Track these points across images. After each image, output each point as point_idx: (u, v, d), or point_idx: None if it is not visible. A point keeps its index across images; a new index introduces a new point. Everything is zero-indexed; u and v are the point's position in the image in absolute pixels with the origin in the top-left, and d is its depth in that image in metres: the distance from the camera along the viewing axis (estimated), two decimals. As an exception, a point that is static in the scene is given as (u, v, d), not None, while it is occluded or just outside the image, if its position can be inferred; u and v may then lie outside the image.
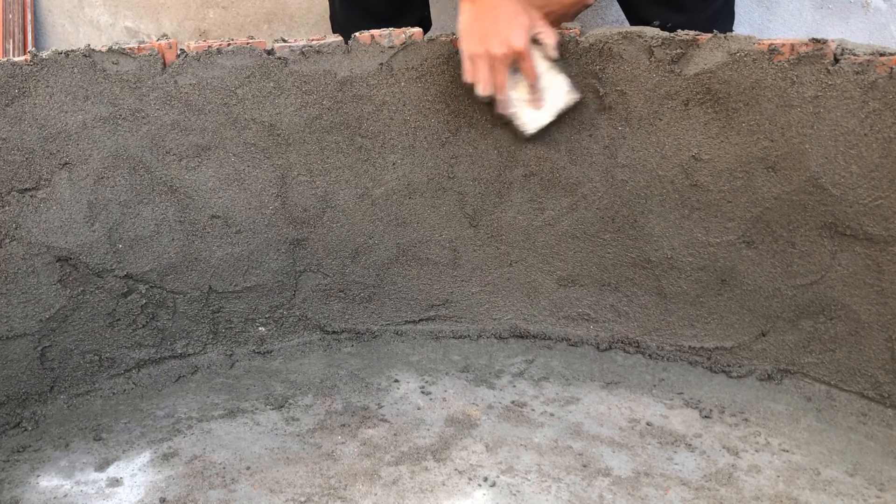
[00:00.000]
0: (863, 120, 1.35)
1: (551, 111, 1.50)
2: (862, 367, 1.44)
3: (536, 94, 1.48)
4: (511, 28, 1.42)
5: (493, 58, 1.44)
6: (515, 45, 1.43)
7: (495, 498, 1.24)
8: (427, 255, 1.64)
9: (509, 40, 1.42)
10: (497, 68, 1.45)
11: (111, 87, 1.44)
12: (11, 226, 1.42)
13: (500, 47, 1.43)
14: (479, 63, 1.45)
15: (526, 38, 1.44)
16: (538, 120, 1.51)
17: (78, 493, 1.27)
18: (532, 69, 1.46)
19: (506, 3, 1.43)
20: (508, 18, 1.43)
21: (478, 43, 1.43)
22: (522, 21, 1.44)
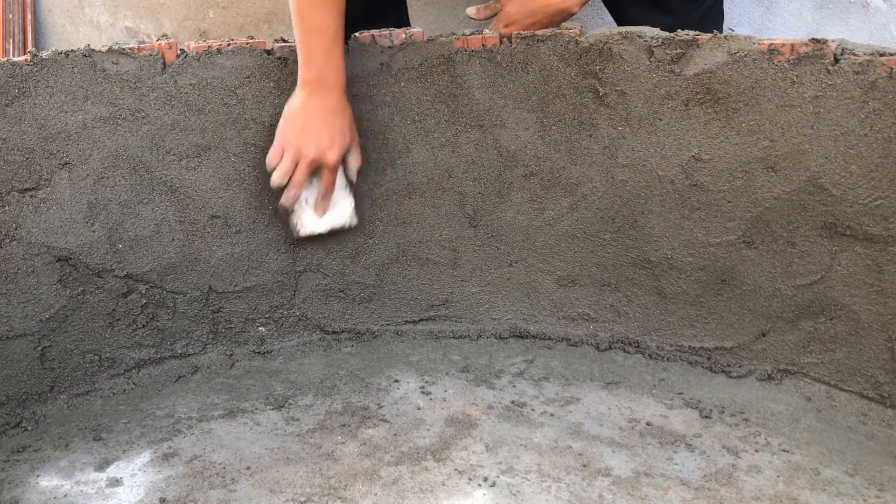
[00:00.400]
0: (863, 120, 1.35)
1: (327, 225, 1.55)
2: (862, 367, 1.44)
3: (324, 203, 1.52)
4: (333, 139, 1.46)
5: (302, 156, 1.46)
6: (328, 157, 1.47)
7: (495, 498, 1.24)
8: (427, 255, 1.64)
9: (325, 150, 1.46)
10: (301, 167, 1.47)
11: (111, 87, 1.44)
12: (11, 226, 1.42)
13: (313, 151, 1.46)
14: (289, 154, 1.47)
15: (340, 155, 1.48)
16: (313, 227, 1.54)
17: (78, 493, 1.27)
18: (331, 182, 1.50)
19: (338, 116, 1.46)
20: (334, 130, 1.46)
21: (296, 136, 1.46)
22: (344, 140, 1.47)
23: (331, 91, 1.44)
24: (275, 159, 1.48)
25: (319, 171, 1.49)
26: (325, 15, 1.41)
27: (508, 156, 1.57)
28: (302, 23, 1.41)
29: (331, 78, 1.43)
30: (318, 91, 1.44)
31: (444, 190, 1.60)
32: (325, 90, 1.44)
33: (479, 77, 1.52)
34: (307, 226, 1.54)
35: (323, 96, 1.44)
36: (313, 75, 1.43)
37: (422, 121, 1.56)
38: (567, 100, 1.52)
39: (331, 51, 1.42)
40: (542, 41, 1.49)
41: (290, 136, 1.46)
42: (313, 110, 1.44)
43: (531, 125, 1.55)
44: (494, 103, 1.54)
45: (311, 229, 1.54)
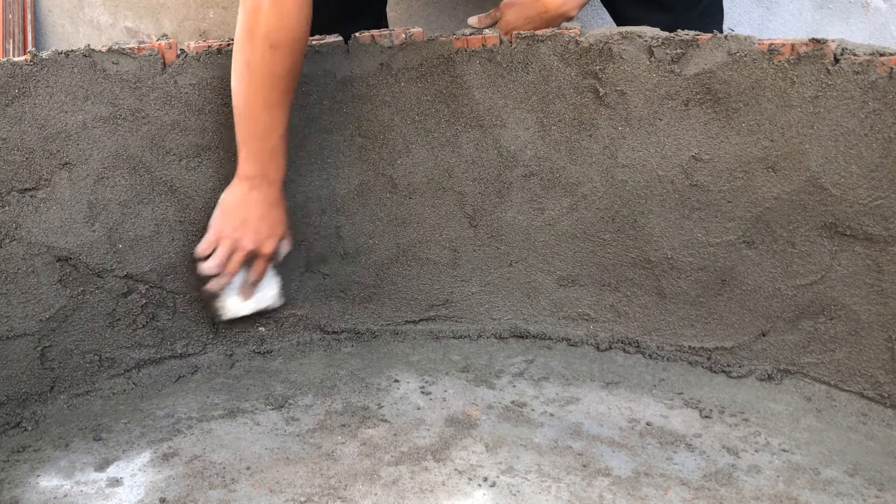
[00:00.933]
0: (863, 120, 1.35)
1: (254, 307, 1.55)
2: (862, 367, 1.44)
3: (251, 290, 1.53)
4: (270, 232, 1.47)
5: (240, 248, 1.46)
6: (265, 249, 1.47)
7: (495, 498, 1.24)
8: (427, 255, 1.64)
9: (263, 244, 1.47)
10: (237, 257, 1.47)
11: (111, 87, 1.44)
12: (11, 226, 1.42)
13: (251, 243, 1.46)
14: (224, 244, 1.47)
15: (276, 246, 1.49)
16: (238, 310, 1.54)
17: (78, 493, 1.27)
18: (263, 270, 1.51)
19: (276, 209, 1.46)
20: (273, 221, 1.47)
21: (233, 228, 1.45)
22: (280, 231, 1.49)
23: (271, 185, 1.44)
24: (207, 249, 1.48)
25: (252, 260, 1.50)
26: (277, 116, 1.39)
27: (508, 156, 1.57)
28: (248, 123, 1.39)
29: (272, 173, 1.43)
30: (260, 186, 1.43)
31: (444, 190, 1.60)
32: (267, 184, 1.43)
33: (479, 77, 1.52)
34: (231, 309, 1.54)
35: (263, 190, 1.44)
36: (256, 171, 1.42)
37: (422, 121, 1.56)
38: (567, 100, 1.52)
39: (276, 148, 1.42)
40: (542, 41, 1.49)
41: (228, 228, 1.46)
42: (254, 203, 1.44)
43: (531, 125, 1.55)
44: (494, 103, 1.54)
45: (234, 313, 1.54)
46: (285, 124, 1.41)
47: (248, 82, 1.36)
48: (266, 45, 1.33)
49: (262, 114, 1.38)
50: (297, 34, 1.34)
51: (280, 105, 1.38)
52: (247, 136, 1.40)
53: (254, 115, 1.38)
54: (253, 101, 1.37)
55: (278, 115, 1.39)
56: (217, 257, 1.47)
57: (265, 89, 1.36)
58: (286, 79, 1.37)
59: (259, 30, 1.33)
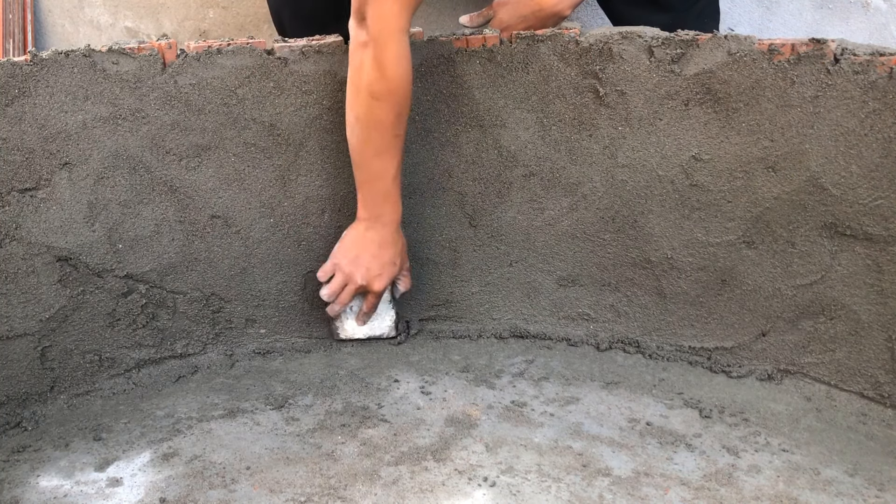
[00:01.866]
0: (863, 120, 1.35)
1: (367, 333, 1.63)
2: (862, 367, 1.44)
3: (364, 319, 1.60)
4: (381, 271, 1.53)
5: (352, 281, 1.54)
6: (375, 286, 1.54)
7: (495, 498, 1.24)
8: (427, 255, 1.64)
9: (373, 281, 1.53)
10: (349, 290, 1.55)
11: (111, 87, 1.44)
12: (11, 226, 1.42)
13: (362, 279, 1.53)
14: (339, 277, 1.54)
15: (386, 285, 1.56)
16: (353, 333, 1.62)
17: (78, 493, 1.27)
18: (374, 305, 1.59)
19: (390, 248, 1.53)
20: (384, 262, 1.53)
21: (348, 262, 1.53)
22: (394, 271, 1.55)
23: (386, 225, 1.51)
24: (325, 275, 1.55)
25: (366, 296, 1.57)
26: (387, 162, 1.46)
27: (508, 156, 1.57)
28: (361, 170, 1.48)
29: (387, 215, 1.50)
30: (374, 227, 1.51)
31: (444, 190, 1.60)
32: (381, 225, 1.51)
33: (479, 77, 1.52)
34: (347, 331, 1.62)
35: (378, 231, 1.51)
36: (370, 214, 1.50)
37: (422, 121, 1.56)
38: (567, 100, 1.52)
39: (389, 192, 1.49)
40: (542, 41, 1.49)
41: (343, 262, 1.53)
42: (368, 242, 1.52)
43: (531, 125, 1.55)
44: (494, 103, 1.54)
45: (349, 335, 1.62)
46: (396, 168, 1.47)
47: (358, 133, 1.44)
48: (370, 98, 1.40)
49: (373, 160, 1.46)
50: (397, 85, 1.40)
51: (388, 151, 1.45)
52: (361, 182, 1.49)
53: (365, 162, 1.46)
54: (363, 150, 1.45)
55: (388, 161, 1.46)
56: (330, 287, 1.55)
57: (373, 138, 1.43)
58: (392, 127, 1.43)
59: (362, 84, 1.40)
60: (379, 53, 1.37)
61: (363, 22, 1.38)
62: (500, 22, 1.63)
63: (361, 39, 1.39)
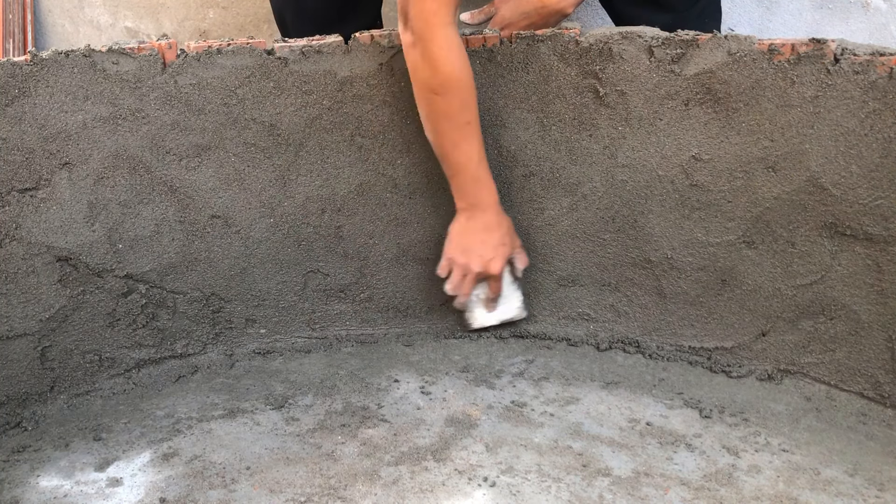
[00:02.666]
0: (863, 120, 1.35)
1: (499, 318, 1.62)
2: (862, 367, 1.44)
3: (492, 303, 1.60)
4: (495, 254, 1.53)
5: (468, 271, 1.54)
6: (492, 271, 1.54)
7: (495, 498, 1.24)
8: (427, 255, 1.64)
9: (489, 265, 1.53)
10: (469, 279, 1.55)
11: (111, 87, 1.44)
12: (11, 226, 1.42)
13: (478, 266, 1.53)
14: (457, 270, 1.55)
15: (503, 266, 1.55)
16: (485, 321, 1.62)
17: (78, 493, 1.27)
18: (498, 288, 1.58)
19: (496, 231, 1.53)
20: (495, 245, 1.53)
21: (461, 253, 1.54)
22: (506, 251, 1.55)
23: (485, 210, 1.51)
24: (444, 272, 1.57)
25: (487, 281, 1.57)
26: (466, 150, 1.47)
27: (508, 156, 1.57)
28: (446, 162, 1.49)
29: (483, 200, 1.51)
30: (474, 214, 1.52)
31: (444, 190, 1.60)
32: (480, 211, 1.51)
33: (479, 77, 1.52)
34: (479, 320, 1.62)
35: (479, 217, 1.52)
36: (467, 203, 1.51)
37: (422, 121, 1.56)
38: (567, 100, 1.52)
39: (478, 177, 1.49)
40: (542, 41, 1.49)
41: (455, 256, 1.55)
42: (473, 231, 1.53)
43: (531, 125, 1.55)
44: (494, 103, 1.54)
45: (482, 322, 1.63)
46: (478, 153, 1.48)
47: (431, 129, 1.47)
48: (431, 94, 1.42)
49: (452, 152, 1.47)
50: (452, 77, 1.41)
51: (464, 140, 1.46)
52: (450, 174, 1.50)
53: (446, 155, 1.48)
54: (441, 144, 1.47)
55: (467, 148, 1.46)
56: (451, 282, 1.56)
57: (447, 131, 1.45)
58: (460, 114, 1.44)
59: (420, 83, 1.43)
60: (427, 50, 1.39)
61: (407, 23, 1.39)
62: (501, 19, 1.63)
63: (409, 40, 1.41)
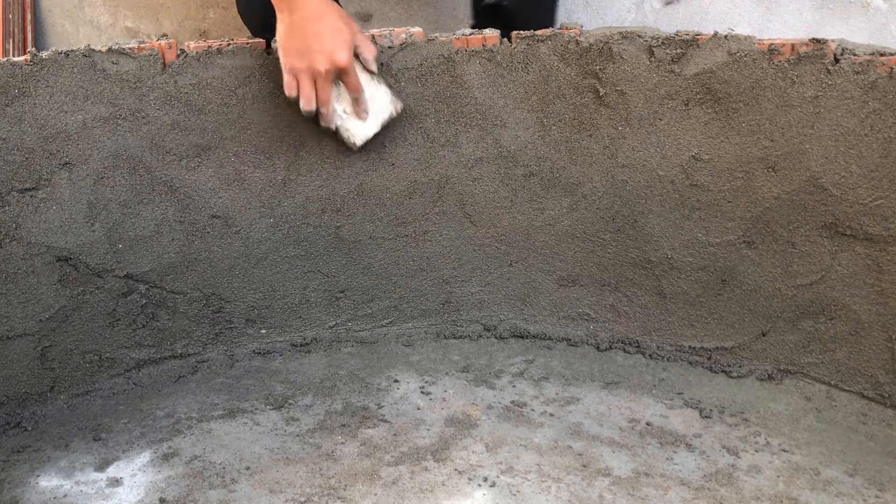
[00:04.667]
0: (863, 120, 1.35)
1: (376, 122, 1.51)
2: (862, 367, 1.44)
3: (360, 106, 1.47)
4: (334, 43, 1.39)
5: (316, 73, 1.41)
6: (339, 62, 1.40)
7: (495, 498, 1.24)
8: (427, 255, 1.64)
9: (333, 56, 1.40)
10: (321, 84, 1.42)
11: (111, 87, 1.44)
12: (11, 226, 1.42)
13: (323, 63, 1.40)
14: (303, 78, 1.42)
15: (349, 54, 1.42)
16: (365, 131, 1.51)
17: (78, 493, 1.27)
18: (356, 83, 1.45)
19: (328, 18, 1.39)
20: (331, 33, 1.39)
21: (299, 58, 1.40)
22: (344, 37, 1.41)
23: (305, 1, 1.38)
24: (293, 89, 1.43)
25: (340, 78, 1.44)
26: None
27: (508, 156, 1.57)
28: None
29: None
30: (295, 7, 1.38)
31: (444, 190, 1.60)
32: (297, 8, 1.38)
33: (479, 77, 1.52)
34: (359, 134, 1.51)
35: (300, 10, 1.38)
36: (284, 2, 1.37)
37: (422, 121, 1.56)
38: (567, 100, 1.52)
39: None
40: (542, 41, 1.49)
41: (294, 61, 1.40)
42: (299, 27, 1.38)
43: (531, 125, 1.55)
44: (494, 103, 1.54)
45: (364, 135, 1.51)
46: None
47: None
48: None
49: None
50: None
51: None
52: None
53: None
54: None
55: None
56: (304, 93, 1.42)
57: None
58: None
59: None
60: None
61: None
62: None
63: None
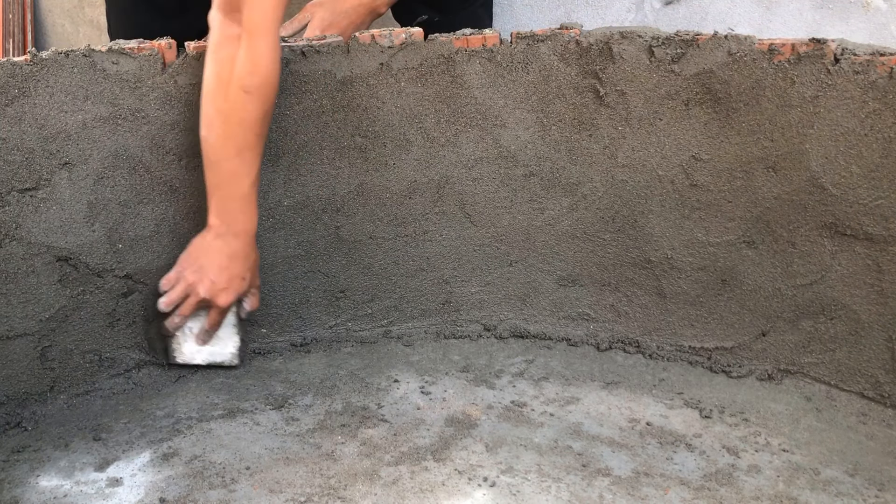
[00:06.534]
0: (863, 120, 1.35)
1: (207, 359, 1.52)
2: (862, 367, 1.44)
3: (206, 337, 1.50)
4: (228, 285, 1.43)
5: (194, 293, 1.44)
6: (219, 300, 1.45)
7: (495, 498, 1.24)
8: (427, 256, 1.64)
9: (217, 295, 1.44)
10: (190, 301, 1.45)
11: (111, 87, 1.44)
12: (11, 226, 1.41)
13: (205, 292, 1.43)
14: (180, 285, 1.45)
15: (232, 301, 1.46)
16: (191, 356, 1.51)
17: (78, 493, 1.27)
18: (217, 322, 1.48)
19: (240, 262, 1.43)
20: (231, 276, 1.43)
21: (192, 271, 1.44)
22: (242, 286, 1.46)
23: (238, 236, 1.42)
24: (168, 284, 1.46)
25: (209, 310, 1.48)
26: (247, 163, 1.37)
27: (508, 156, 1.57)
28: (218, 169, 1.38)
29: (240, 224, 1.42)
30: (225, 236, 1.42)
31: (444, 189, 1.60)
32: (232, 236, 1.42)
33: (479, 77, 1.52)
34: (185, 354, 1.52)
35: (229, 241, 1.42)
36: (223, 220, 1.41)
37: (422, 121, 1.56)
38: (567, 100, 1.52)
39: (247, 196, 1.40)
40: (542, 41, 1.49)
41: (187, 271, 1.45)
42: (216, 252, 1.42)
43: (531, 125, 1.55)
44: (494, 103, 1.54)
45: (188, 359, 1.52)
46: (256, 171, 1.40)
47: (218, 129, 1.36)
48: (240, 91, 1.33)
49: (234, 159, 1.37)
50: (271, 79, 1.35)
51: (252, 149, 1.37)
52: (215, 185, 1.40)
53: (223, 161, 1.37)
54: (223, 147, 1.36)
55: (249, 160, 1.38)
56: (169, 296, 1.46)
57: (237, 135, 1.36)
58: (259, 123, 1.37)
59: (233, 78, 1.34)
60: (254, 46, 1.32)
61: (234, 14, 1.32)
62: (321, 21, 1.61)
63: (232, 32, 1.33)
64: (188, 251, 1.46)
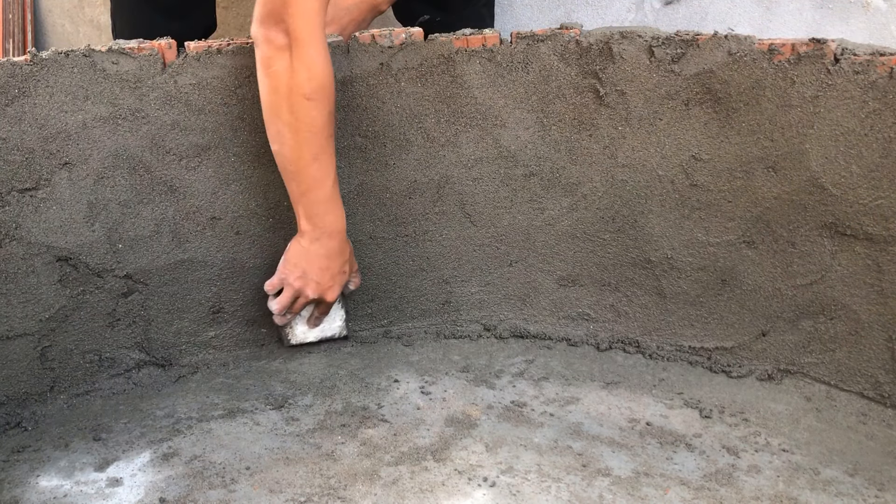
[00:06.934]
0: (863, 120, 1.35)
1: (318, 335, 1.59)
2: (862, 367, 1.44)
3: (318, 320, 1.57)
4: (332, 282, 1.50)
5: (303, 296, 1.50)
6: (327, 297, 1.51)
7: (495, 498, 1.24)
8: (427, 255, 1.64)
9: (325, 293, 1.50)
10: (300, 303, 1.52)
11: (111, 87, 1.44)
12: (11, 226, 1.42)
13: (313, 293, 1.50)
14: (288, 290, 1.50)
15: (338, 294, 1.52)
16: (305, 337, 1.59)
17: (78, 493, 1.27)
18: (328, 311, 1.56)
19: (338, 259, 1.49)
20: (334, 272, 1.49)
21: (297, 277, 1.48)
22: (344, 279, 1.52)
23: (332, 236, 1.46)
24: (273, 289, 1.51)
25: (317, 305, 1.54)
26: (325, 165, 1.41)
27: (508, 156, 1.57)
28: (299, 181, 1.42)
29: (332, 224, 1.46)
30: (320, 239, 1.46)
31: (444, 190, 1.60)
32: (327, 237, 1.46)
33: (479, 77, 1.52)
34: (298, 336, 1.59)
35: (324, 243, 1.46)
36: (314, 225, 1.45)
37: (422, 121, 1.56)
38: (567, 100, 1.52)
39: (332, 196, 1.44)
40: (542, 41, 1.49)
41: (290, 278, 1.49)
42: (314, 255, 1.47)
43: (531, 125, 1.55)
44: (494, 103, 1.54)
45: (301, 339, 1.59)
46: (335, 170, 1.44)
47: (292, 140, 1.38)
48: (302, 100, 1.36)
49: (311, 165, 1.40)
50: (328, 81, 1.38)
51: (326, 151, 1.41)
52: (300, 194, 1.43)
53: (303, 170, 1.41)
54: (299, 157, 1.39)
55: (326, 163, 1.41)
56: (280, 302, 1.51)
57: (310, 142, 1.39)
58: (327, 126, 1.40)
59: (292, 87, 1.35)
60: (306, 54, 1.34)
61: (279, 26, 1.33)
62: None
63: (280, 43, 1.34)
64: (286, 258, 1.49)
